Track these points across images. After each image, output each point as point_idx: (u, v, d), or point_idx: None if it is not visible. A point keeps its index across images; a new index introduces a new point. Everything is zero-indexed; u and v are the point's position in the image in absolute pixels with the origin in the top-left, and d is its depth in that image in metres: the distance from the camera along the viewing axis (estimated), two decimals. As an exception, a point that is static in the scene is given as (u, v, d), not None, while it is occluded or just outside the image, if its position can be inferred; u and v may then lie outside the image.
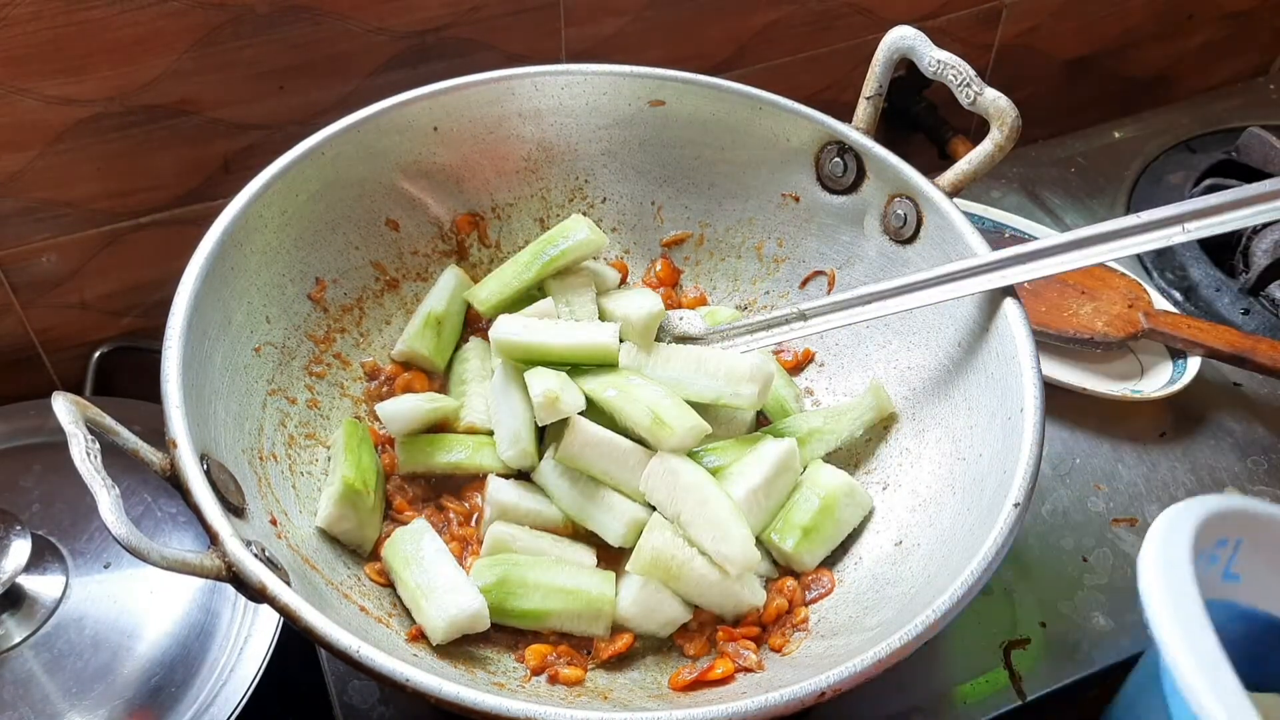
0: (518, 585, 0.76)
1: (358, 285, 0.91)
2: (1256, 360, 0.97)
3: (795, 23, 1.17)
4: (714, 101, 0.92)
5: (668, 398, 0.80)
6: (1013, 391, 0.76)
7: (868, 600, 0.76)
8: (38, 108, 0.92)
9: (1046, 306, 1.04)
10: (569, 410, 0.79)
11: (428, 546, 0.77)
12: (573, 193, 0.97)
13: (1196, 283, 1.13)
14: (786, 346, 0.95)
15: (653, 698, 0.73)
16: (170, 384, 0.69)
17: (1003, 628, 0.87)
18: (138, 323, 1.09)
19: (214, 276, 0.77)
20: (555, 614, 0.76)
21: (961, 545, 0.71)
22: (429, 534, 0.79)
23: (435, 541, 0.78)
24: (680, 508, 0.77)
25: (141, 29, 0.91)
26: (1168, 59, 1.45)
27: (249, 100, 0.99)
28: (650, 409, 0.79)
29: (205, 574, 0.63)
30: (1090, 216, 1.19)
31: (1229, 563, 0.72)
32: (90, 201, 0.99)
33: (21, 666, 0.84)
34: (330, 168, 0.86)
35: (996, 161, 0.83)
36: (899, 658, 0.62)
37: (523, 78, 0.92)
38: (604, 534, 0.79)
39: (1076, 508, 0.94)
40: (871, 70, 0.88)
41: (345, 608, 0.72)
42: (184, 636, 0.87)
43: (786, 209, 0.95)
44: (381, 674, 0.60)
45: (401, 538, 0.78)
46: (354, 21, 0.98)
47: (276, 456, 0.80)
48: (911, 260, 0.87)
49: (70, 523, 0.92)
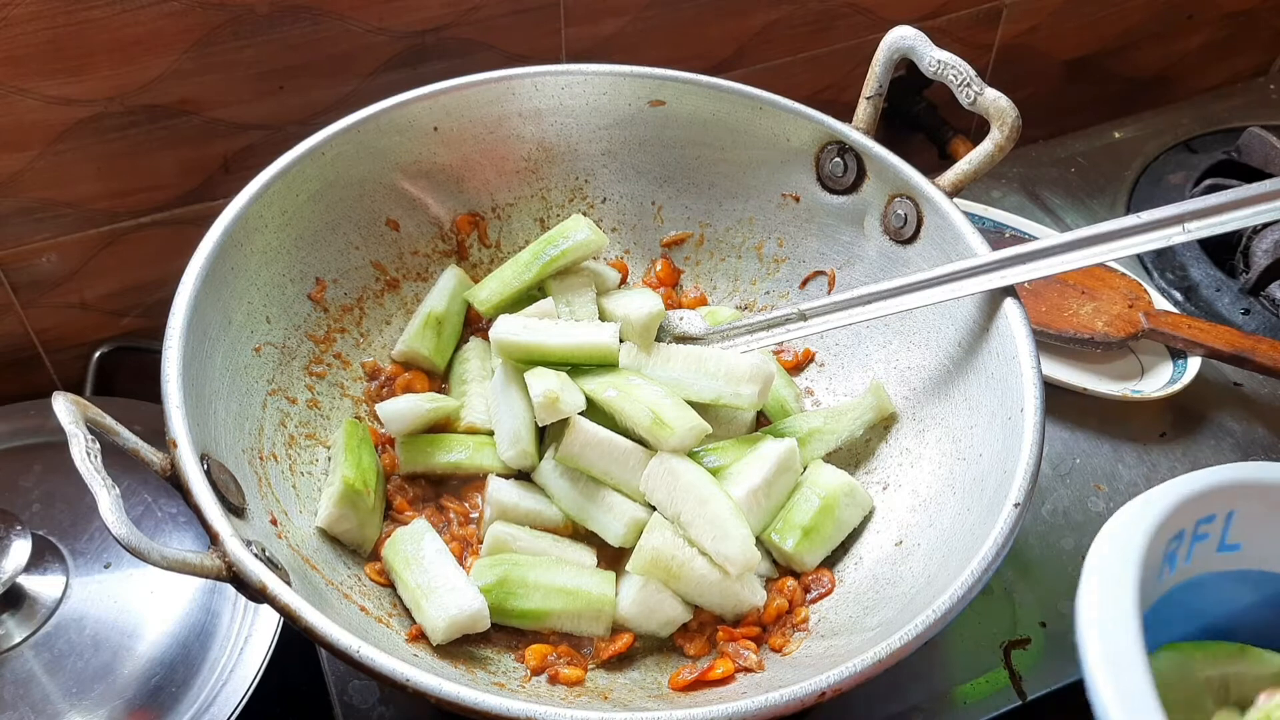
0: (518, 585, 0.76)
1: (358, 285, 0.91)
2: (1257, 360, 0.97)
3: (795, 23, 1.17)
4: (714, 101, 0.92)
5: (668, 398, 0.80)
6: (1013, 391, 0.76)
7: (868, 600, 0.76)
8: (38, 108, 0.92)
9: (1047, 306, 1.04)
10: (569, 410, 0.79)
11: (428, 547, 0.77)
12: (573, 193, 0.97)
13: (1197, 283, 1.13)
14: (786, 346, 0.95)
15: (653, 698, 0.73)
16: (170, 384, 0.69)
17: (1003, 628, 0.87)
18: (138, 323, 1.09)
19: (214, 276, 0.77)
20: (555, 614, 0.76)
21: (961, 545, 0.72)
22: (429, 534, 0.79)
23: (435, 542, 0.78)
24: (680, 508, 0.77)
25: (141, 29, 0.91)
26: (1168, 59, 1.45)
27: (249, 100, 0.99)
28: (650, 409, 0.79)
29: (205, 574, 0.63)
30: (1090, 216, 1.19)
31: (1223, 535, 0.72)
32: (90, 201, 0.99)
33: (21, 666, 0.84)
34: (330, 168, 0.86)
35: (996, 161, 0.83)
36: (899, 658, 0.62)
37: (523, 78, 0.92)
38: (604, 534, 0.79)
39: (1076, 508, 0.94)
40: (871, 70, 0.88)
41: (345, 608, 0.72)
42: (184, 636, 0.87)
43: (786, 209, 0.95)
44: (381, 674, 0.60)
45: (402, 538, 0.78)
46: (354, 21, 0.98)
47: (277, 456, 0.80)
48: (911, 260, 0.87)
49: (70, 523, 0.92)
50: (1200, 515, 0.71)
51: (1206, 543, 0.73)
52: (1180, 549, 0.72)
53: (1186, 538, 0.71)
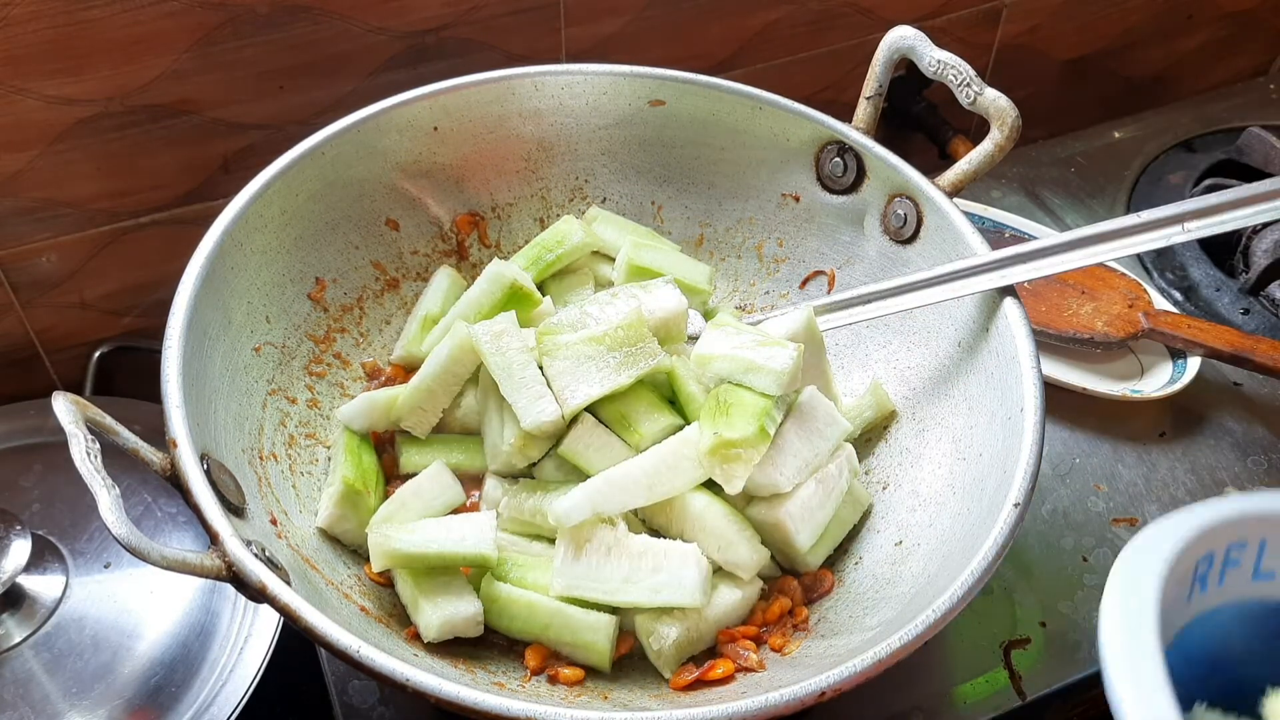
0: (507, 605, 0.75)
1: (358, 285, 0.91)
2: (1256, 360, 0.97)
3: (795, 23, 1.17)
4: (714, 101, 0.92)
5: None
6: (1013, 391, 0.76)
7: (868, 600, 0.76)
8: (38, 107, 0.92)
9: (1046, 306, 1.04)
10: (533, 457, 0.80)
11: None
12: (573, 192, 0.97)
13: (1197, 283, 1.13)
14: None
15: (653, 698, 0.73)
16: (170, 384, 0.69)
17: (1003, 628, 0.87)
18: (138, 323, 1.09)
19: (214, 276, 0.77)
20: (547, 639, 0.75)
21: (961, 545, 0.71)
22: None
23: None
24: (681, 527, 0.77)
25: (141, 29, 0.91)
26: (1168, 59, 1.45)
27: (249, 100, 0.99)
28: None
29: (205, 574, 0.63)
30: (1090, 216, 1.19)
31: (1257, 562, 0.72)
32: (90, 201, 0.99)
33: (21, 666, 0.84)
34: (330, 168, 0.86)
35: (996, 161, 0.83)
36: (899, 658, 0.62)
37: (523, 78, 0.92)
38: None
39: (1076, 508, 0.94)
40: (871, 70, 0.88)
41: (345, 608, 0.72)
42: (184, 636, 0.87)
43: (786, 209, 0.95)
44: (381, 674, 0.60)
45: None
46: (354, 21, 0.98)
47: (276, 456, 0.80)
48: (911, 260, 0.87)
49: (70, 523, 0.92)
50: (1232, 540, 0.71)
51: (1239, 570, 0.72)
52: (1211, 571, 0.71)
53: (1216, 561, 0.71)
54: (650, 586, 0.73)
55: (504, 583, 0.76)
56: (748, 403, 0.76)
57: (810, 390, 0.80)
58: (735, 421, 0.75)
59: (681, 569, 0.73)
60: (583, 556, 0.74)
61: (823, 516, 0.78)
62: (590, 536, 0.74)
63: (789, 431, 0.78)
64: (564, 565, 0.74)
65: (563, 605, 0.74)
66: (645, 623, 0.74)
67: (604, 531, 0.74)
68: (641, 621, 0.74)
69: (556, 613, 0.74)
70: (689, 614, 0.74)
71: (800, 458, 0.78)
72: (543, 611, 0.74)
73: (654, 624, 0.74)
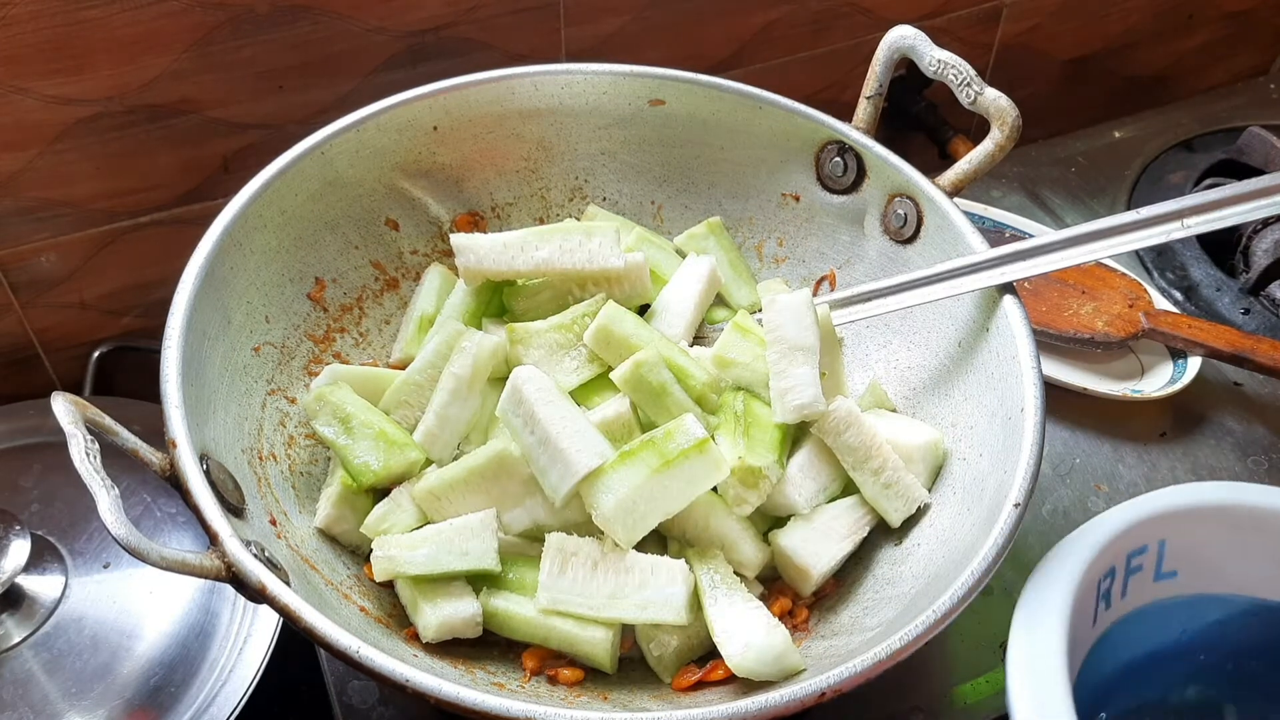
0: (506, 619, 0.75)
1: (357, 285, 0.91)
2: (1257, 360, 0.97)
3: (795, 22, 1.17)
4: (714, 101, 0.92)
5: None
6: (1013, 391, 0.76)
7: (868, 600, 0.76)
8: (37, 107, 0.92)
9: (1047, 306, 1.04)
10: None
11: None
12: (572, 192, 0.97)
13: (1197, 282, 1.13)
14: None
15: (653, 698, 0.73)
16: (170, 384, 0.69)
17: (1003, 628, 0.86)
18: (137, 323, 1.09)
19: (213, 276, 0.77)
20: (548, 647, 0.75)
21: (961, 545, 0.71)
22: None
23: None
24: (684, 526, 0.77)
25: (141, 29, 0.91)
26: (1168, 59, 1.45)
27: (248, 100, 0.99)
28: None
29: (205, 574, 0.63)
30: (1091, 216, 1.19)
31: (1158, 565, 0.72)
32: (90, 201, 0.99)
33: (21, 666, 0.84)
34: (330, 167, 0.86)
35: (997, 161, 0.83)
36: (899, 658, 0.62)
37: (523, 77, 0.92)
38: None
39: (1076, 508, 0.94)
40: (871, 70, 0.88)
41: (345, 608, 0.72)
42: (184, 636, 0.87)
43: (786, 209, 0.95)
44: (381, 674, 0.60)
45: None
46: (353, 21, 0.98)
47: (276, 456, 0.80)
48: (912, 260, 0.87)
49: (70, 523, 0.92)
50: (1130, 549, 0.71)
51: (1141, 575, 0.72)
52: (1114, 585, 0.71)
53: (1119, 573, 0.71)
54: (636, 603, 0.72)
55: (504, 590, 0.75)
56: (764, 424, 0.77)
57: (846, 404, 0.79)
58: (756, 447, 0.75)
59: (668, 586, 0.72)
60: (568, 570, 0.73)
61: (840, 552, 0.78)
62: (576, 550, 0.74)
63: (809, 448, 0.79)
64: (549, 579, 0.73)
65: (560, 619, 0.73)
66: (646, 629, 0.74)
67: (589, 545, 0.74)
68: (642, 627, 0.74)
69: (554, 627, 0.73)
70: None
71: (817, 481, 0.79)
72: (540, 626, 0.74)
73: (655, 631, 0.74)
